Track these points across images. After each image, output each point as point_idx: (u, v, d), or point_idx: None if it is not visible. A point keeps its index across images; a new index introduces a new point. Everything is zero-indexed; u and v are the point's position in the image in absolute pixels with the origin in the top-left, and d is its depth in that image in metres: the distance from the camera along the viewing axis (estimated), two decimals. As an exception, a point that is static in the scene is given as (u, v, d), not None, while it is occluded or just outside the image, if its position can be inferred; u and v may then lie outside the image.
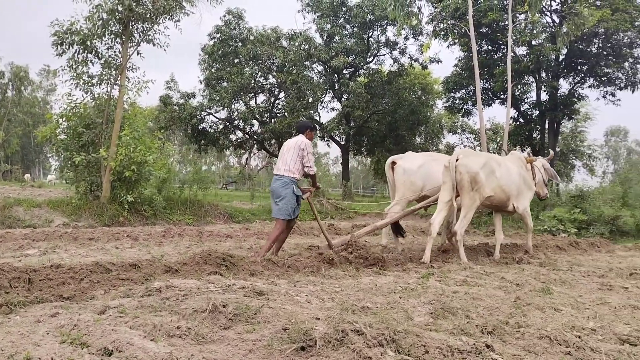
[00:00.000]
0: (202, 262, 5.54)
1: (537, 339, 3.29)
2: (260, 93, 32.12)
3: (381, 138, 34.00)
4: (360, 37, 29.92)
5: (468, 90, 27.44)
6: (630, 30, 22.53)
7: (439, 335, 3.12)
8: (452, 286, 5.29)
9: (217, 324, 3.44)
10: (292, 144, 6.88)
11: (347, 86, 28.33)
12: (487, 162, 7.40)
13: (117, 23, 12.22)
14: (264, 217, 14.26)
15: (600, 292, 5.45)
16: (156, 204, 12.19)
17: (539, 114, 26.49)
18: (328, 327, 3.06)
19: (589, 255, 8.90)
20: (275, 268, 5.80)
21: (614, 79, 24.55)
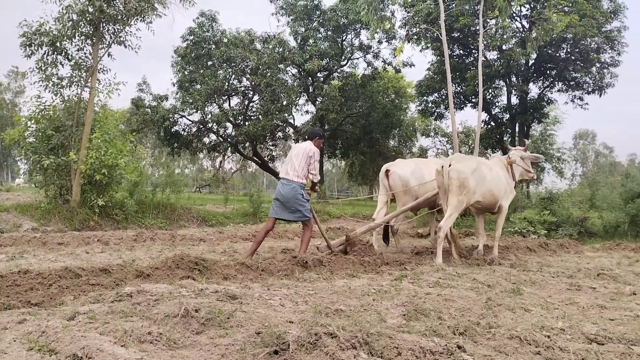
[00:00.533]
0: (175, 267, 5.48)
1: (507, 339, 3.34)
2: (234, 96, 31.91)
3: (355, 141, 34.14)
4: (334, 40, 30.01)
5: (440, 94, 27.75)
6: (597, 36, 23.09)
7: (411, 337, 3.15)
8: (425, 288, 5.34)
9: (189, 328, 3.41)
10: (301, 150, 7.11)
11: (322, 89, 28.36)
12: (478, 168, 7.73)
13: (87, 24, 12.03)
14: (238, 220, 14.18)
15: (569, 293, 5.56)
16: (128, 208, 12.01)
17: (510, 117, 26.94)
18: (301, 331, 3.06)
19: (558, 256, 9.07)
20: (249, 272, 5.77)
21: (582, 83, 25.11)
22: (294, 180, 6.96)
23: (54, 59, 11.98)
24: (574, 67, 24.45)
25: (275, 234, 10.60)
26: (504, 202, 8.30)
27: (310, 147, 7.12)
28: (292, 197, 6.93)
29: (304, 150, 7.07)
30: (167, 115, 28.89)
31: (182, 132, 31.31)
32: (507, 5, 14.28)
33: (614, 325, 4.00)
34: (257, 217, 14.47)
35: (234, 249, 8.12)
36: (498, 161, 8.73)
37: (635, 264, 8.07)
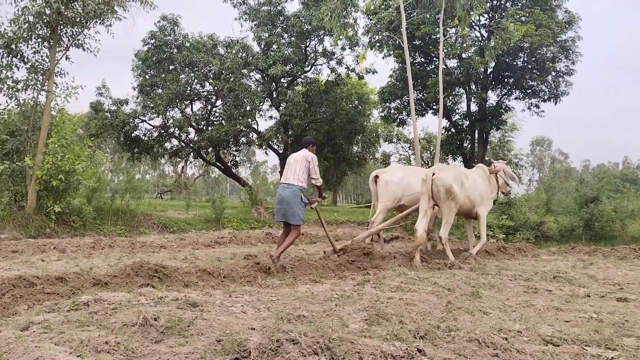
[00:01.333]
0: (134, 274, 5.37)
1: (466, 342, 3.40)
2: (196, 100, 31.57)
3: (319, 147, 34.20)
4: (298, 46, 30.04)
5: (403, 101, 28.12)
6: (552, 45, 23.84)
7: (373, 342, 3.17)
8: (387, 292, 5.38)
9: (148, 337, 3.34)
10: (299, 157, 7.51)
11: (285, 95, 28.34)
12: (458, 176, 8.52)
13: (44, 26, 11.70)
14: (200, 226, 14.01)
15: (526, 295, 5.69)
16: (85, 215, 11.70)
17: (469, 124, 27.49)
18: (263, 337, 3.04)
19: (516, 259, 9.29)
20: (211, 279, 5.70)
21: (538, 91, 25.84)
22: (294, 184, 7.31)
23: (9, 62, 11.62)
24: (530, 75, 25.15)
25: (238, 240, 10.52)
26: (481, 209, 8.99)
27: (307, 154, 7.51)
28: (292, 198, 7.25)
29: (303, 157, 7.45)
30: (127, 120, 28.32)
31: (143, 137, 30.74)
32: (466, 15, 14.61)
33: (569, 326, 4.11)
34: (220, 223, 14.33)
35: (195, 256, 8.01)
36: (480, 171, 9.51)
37: (589, 266, 8.32)
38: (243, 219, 15.05)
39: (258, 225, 14.98)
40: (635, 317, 4.62)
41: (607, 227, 11.95)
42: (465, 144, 28.56)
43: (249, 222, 14.94)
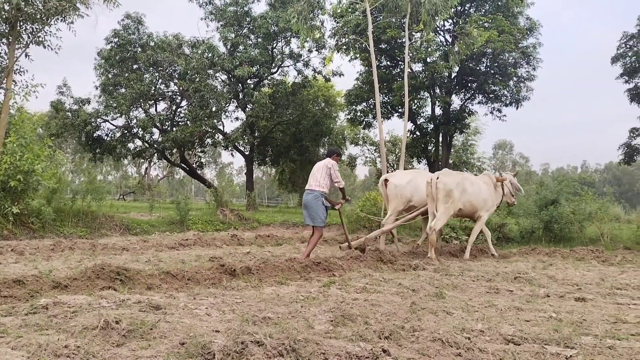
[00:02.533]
0: (95, 277, 5.25)
1: (430, 342, 3.44)
2: (160, 100, 31.15)
3: (285, 148, 34.20)
4: (265, 47, 29.93)
5: (369, 103, 28.32)
6: (514, 51, 24.39)
7: (338, 343, 3.17)
8: (352, 294, 5.41)
9: (110, 341, 3.27)
10: (322, 165, 8.29)
11: (252, 96, 28.20)
12: (461, 182, 9.37)
13: (3, 22, 11.37)
14: (164, 228, 13.79)
15: (488, 295, 5.80)
16: (45, 216, 11.38)
17: (434, 127, 27.89)
18: (227, 340, 3.01)
19: (479, 260, 9.46)
20: (174, 281, 5.62)
21: (500, 96, 26.39)
22: (316, 189, 8.09)
23: (-36, 58, 11.24)
24: (493, 80, 25.67)
25: (203, 242, 10.40)
26: (483, 213, 9.88)
27: (329, 162, 8.30)
28: (314, 203, 8.04)
29: (324, 165, 8.25)
30: (89, 120, 27.73)
31: (105, 137, 30.13)
32: (431, 20, 14.81)
33: (530, 325, 4.20)
34: (185, 225, 14.14)
35: (159, 258, 7.87)
36: (486, 178, 10.38)
37: (549, 267, 8.53)
38: (208, 221, 14.89)
39: (223, 227, 14.85)
40: (592, 316, 4.76)
41: (565, 229, 12.28)
42: (429, 147, 28.95)
43: (214, 224, 14.79)
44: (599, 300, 5.63)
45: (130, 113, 28.95)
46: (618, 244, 11.93)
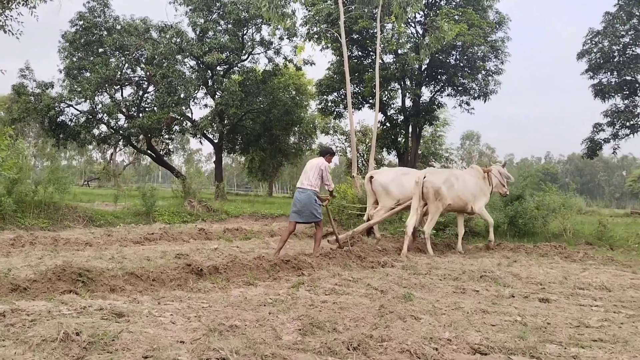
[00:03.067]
0: (55, 279, 5.08)
1: (398, 353, 3.42)
2: (127, 85, 30.47)
3: (256, 137, 33.91)
4: (235, 34, 29.49)
5: (340, 93, 28.29)
6: (483, 45, 24.65)
7: (306, 356, 3.13)
8: (321, 295, 5.38)
9: (70, 354, 3.16)
10: (314, 164, 8.52)
11: (221, 84, 27.79)
12: (447, 178, 9.84)
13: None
14: (129, 220, 13.51)
15: (455, 296, 5.85)
16: (5, 207, 10.99)
17: (404, 119, 28.04)
18: (192, 356, 2.93)
19: (446, 257, 9.55)
20: (139, 282, 5.49)
21: (469, 89, 26.69)
22: (308, 188, 8.36)
23: None
24: (462, 73, 25.92)
25: (169, 236, 10.22)
26: (476, 205, 10.22)
27: (322, 162, 8.52)
28: (307, 201, 8.31)
29: (317, 164, 8.46)
30: (52, 104, 26.96)
31: (69, 122, 29.36)
32: (402, 12, 14.80)
33: (496, 332, 4.24)
34: (150, 216, 13.88)
35: (123, 255, 7.69)
36: (473, 171, 10.76)
37: (513, 264, 8.66)
38: (175, 212, 14.65)
39: (191, 219, 14.64)
40: (556, 319, 4.84)
41: (530, 224, 12.50)
42: (399, 138, 29.14)
43: (181, 216, 14.56)
44: (562, 302, 5.74)
45: (95, 98, 28.24)
46: (580, 239, 12.21)
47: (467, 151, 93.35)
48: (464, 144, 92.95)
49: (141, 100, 30.67)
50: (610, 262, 9.40)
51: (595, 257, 9.89)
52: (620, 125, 26.53)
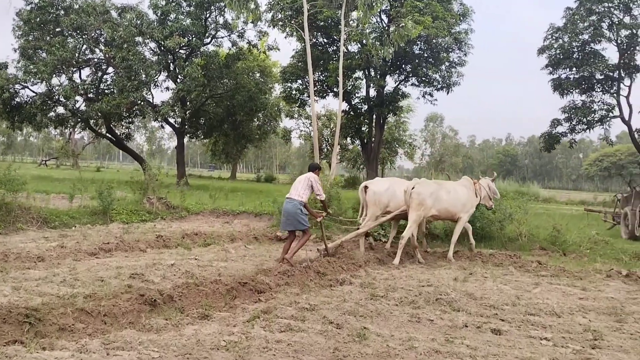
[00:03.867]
0: (1, 322, 4.91)
1: None
2: (85, 67, 29.51)
3: (219, 122, 33.45)
4: (198, 17, 28.83)
5: (304, 81, 28.12)
6: (447, 37, 24.77)
7: None
8: (276, 333, 5.35)
9: None
10: (304, 178, 9.37)
11: (183, 69, 27.19)
12: (434, 191, 10.32)
13: None
14: (85, 220, 13.17)
15: (410, 327, 5.93)
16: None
17: (368, 108, 28.07)
18: None
19: (404, 267, 9.66)
20: (89, 320, 5.36)
21: (432, 80, 26.87)
22: (295, 199, 9.08)
23: None
24: (426, 64, 26.04)
25: (126, 245, 10.00)
26: (463, 215, 10.74)
27: (312, 176, 9.35)
28: (293, 211, 9.04)
29: (307, 178, 9.29)
30: (6, 86, 25.95)
31: (25, 104, 28.32)
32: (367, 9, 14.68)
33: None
34: (107, 216, 13.57)
35: (75, 275, 7.46)
36: (466, 182, 11.30)
37: (469, 278, 8.84)
38: (133, 211, 14.35)
39: (150, 217, 14.38)
40: (505, 359, 4.96)
41: (487, 228, 12.75)
42: (363, 127, 29.21)
43: (139, 214, 14.28)
44: (513, 333, 5.87)
45: (52, 80, 27.30)
46: (535, 244, 12.58)
47: (430, 133, 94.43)
48: (428, 125, 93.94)
49: (100, 82, 29.83)
50: (561, 273, 9.70)
51: (548, 267, 10.19)
52: (577, 121, 27.23)
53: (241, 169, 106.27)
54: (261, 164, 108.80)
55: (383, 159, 42.67)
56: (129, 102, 27.03)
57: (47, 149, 76.87)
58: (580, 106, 27.09)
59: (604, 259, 11.51)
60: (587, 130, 27.37)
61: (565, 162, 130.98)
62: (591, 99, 27.43)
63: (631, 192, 15.57)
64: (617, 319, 6.71)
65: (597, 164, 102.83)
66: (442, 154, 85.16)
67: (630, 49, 26.58)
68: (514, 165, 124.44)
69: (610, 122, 27.96)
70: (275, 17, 24.93)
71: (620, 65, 26.84)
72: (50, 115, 29.74)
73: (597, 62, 25.98)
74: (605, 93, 27.77)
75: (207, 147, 51.53)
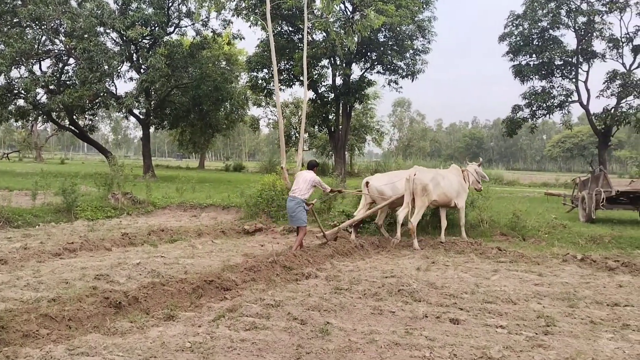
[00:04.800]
0: (-37, 331, 4.90)
1: None
2: (46, 58, 28.82)
3: (185, 112, 33.07)
4: (160, 6, 28.34)
5: (270, 70, 27.97)
6: (411, 25, 24.97)
7: None
8: (241, 332, 5.47)
9: None
10: (305, 176, 10.19)
11: (146, 59, 26.76)
12: (434, 177, 11.23)
13: None
14: (49, 218, 13.01)
15: (373, 319, 6.11)
16: None
17: (335, 97, 28.16)
18: None
19: (370, 259, 9.87)
20: (53, 325, 5.38)
21: (397, 68, 27.08)
22: (297, 197, 9.88)
23: None
24: (391, 52, 26.22)
25: (90, 244, 9.92)
26: (458, 200, 11.66)
27: (312, 175, 10.20)
28: (295, 208, 9.84)
29: (308, 177, 10.13)
30: (-39, 79, 25.18)
31: (-18, 98, 27.56)
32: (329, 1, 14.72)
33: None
34: (72, 213, 13.42)
35: (39, 278, 7.43)
36: (455, 170, 12.20)
37: (431, 267, 9.10)
38: (98, 207, 14.21)
39: (115, 213, 14.26)
40: (462, 349, 5.18)
41: (450, 215, 13.05)
42: (330, 115, 29.31)
43: (104, 211, 14.15)
44: (470, 322, 6.11)
45: (10, 72, 26.59)
46: (495, 230, 12.95)
47: (398, 118, 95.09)
48: (396, 110, 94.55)
49: (61, 73, 29.20)
50: (520, 259, 10.05)
51: (507, 253, 10.53)
52: (538, 107, 27.89)
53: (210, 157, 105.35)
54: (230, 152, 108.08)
55: (351, 146, 43.01)
56: (92, 94, 26.55)
57: (8, 142, 74.74)
58: (540, 92, 27.76)
59: (561, 243, 11.96)
60: (547, 115, 28.13)
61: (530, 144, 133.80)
62: (551, 84, 28.15)
63: (589, 176, 16.11)
64: (570, 304, 7.03)
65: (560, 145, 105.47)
66: (410, 139, 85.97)
67: (587, 35, 27.29)
68: (480, 148, 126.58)
69: (569, 106, 28.80)
70: (239, 7, 24.68)
71: (578, 51, 27.56)
72: (10, 108, 29.04)
73: (556, 48, 26.61)
74: (564, 78, 28.53)
75: (174, 137, 50.92)
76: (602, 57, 28.14)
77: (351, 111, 30.20)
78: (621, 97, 27.03)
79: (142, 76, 27.25)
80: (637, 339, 5.67)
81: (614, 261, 9.74)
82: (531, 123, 29.00)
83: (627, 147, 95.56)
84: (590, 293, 7.64)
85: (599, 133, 28.22)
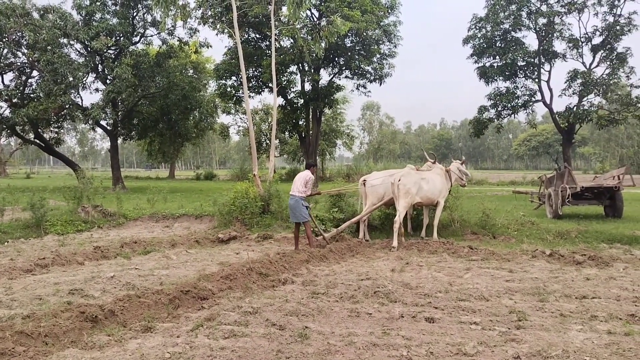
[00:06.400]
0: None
1: None
2: (8, 72, 28.20)
3: (153, 122, 32.74)
4: (125, 16, 28.04)
5: (239, 78, 27.95)
6: (377, 29, 25.29)
7: None
8: (220, 340, 5.49)
9: None
10: (303, 175, 11.16)
11: (112, 70, 26.43)
12: (417, 181, 11.79)
13: None
14: (18, 234, 12.76)
15: (350, 322, 6.20)
16: None
17: (304, 102, 28.29)
18: None
19: (345, 262, 9.98)
20: (29, 342, 5.31)
21: (365, 72, 27.38)
22: (296, 195, 10.87)
23: None
24: (358, 57, 26.50)
25: (62, 259, 9.75)
26: (440, 199, 12.30)
27: (308, 174, 11.14)
28: (295, 205, 10.85)
29: (305, 176, 11.09)
30: None
31: (-57, 113, 26.82)
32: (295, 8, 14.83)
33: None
34: (42, 228, 13.17)
35: (12, 295, 7.30)
36: (438, 170, 12.69)
37: (406, 268, 9.27)
38: (68, 221, 13.98)
39: (86, 226, 14.05)
40: (438, 347, 5.31)
41: (422, 216, 13.28)
42: (300, 121, 29.41)
43: (75, 224, 13.92)
44: (445, 320, 6.26)
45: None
46: (466, 229, 13.21)
47: (368, 121, 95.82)
48: (365, 114, 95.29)
49: (25, 86, 28.61)
50: (491, 256, 10.30)
51: (478, 251, 10.78)
52: (503, 107, 28.55)
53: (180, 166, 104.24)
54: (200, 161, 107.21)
55: (322, 151, 43.18)
56: (57, 107, 26.11)
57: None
58: (504, 92, 28.44)
59: (530, 239, 12.29)
60: (512, 115, 28.81)
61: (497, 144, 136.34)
62: (515, 85, 28.87)
63: (554, 173, 16.57)
64: (540, 298, 7.26)
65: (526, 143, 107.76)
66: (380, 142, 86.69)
67: (548, 35, 28.08)
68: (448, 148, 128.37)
69: (533, 106, 29.57)
70: (205, 15, 24.61)
71: (539, 51, 28.33)
72: (-29, 124, 28.30)
73: (519, 49, 27.29)
74: (527, 79, 29.30)
75: (142, 148, 50.30)
76: (563, 57, 29.00)
77: (321, 116, 30.34)
78: (582, 95, 27.86)
79: (108, 87, 26.88)
80: (605, 329, 5.90)
81: (581, 255, 10.07)
82: (497, 123, 29.67)
83: (591, 144, 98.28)
84: (559, 287, 7.88)
85: (562, 131, 29.02)
